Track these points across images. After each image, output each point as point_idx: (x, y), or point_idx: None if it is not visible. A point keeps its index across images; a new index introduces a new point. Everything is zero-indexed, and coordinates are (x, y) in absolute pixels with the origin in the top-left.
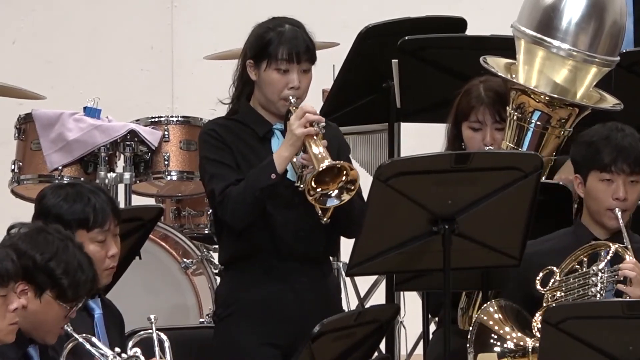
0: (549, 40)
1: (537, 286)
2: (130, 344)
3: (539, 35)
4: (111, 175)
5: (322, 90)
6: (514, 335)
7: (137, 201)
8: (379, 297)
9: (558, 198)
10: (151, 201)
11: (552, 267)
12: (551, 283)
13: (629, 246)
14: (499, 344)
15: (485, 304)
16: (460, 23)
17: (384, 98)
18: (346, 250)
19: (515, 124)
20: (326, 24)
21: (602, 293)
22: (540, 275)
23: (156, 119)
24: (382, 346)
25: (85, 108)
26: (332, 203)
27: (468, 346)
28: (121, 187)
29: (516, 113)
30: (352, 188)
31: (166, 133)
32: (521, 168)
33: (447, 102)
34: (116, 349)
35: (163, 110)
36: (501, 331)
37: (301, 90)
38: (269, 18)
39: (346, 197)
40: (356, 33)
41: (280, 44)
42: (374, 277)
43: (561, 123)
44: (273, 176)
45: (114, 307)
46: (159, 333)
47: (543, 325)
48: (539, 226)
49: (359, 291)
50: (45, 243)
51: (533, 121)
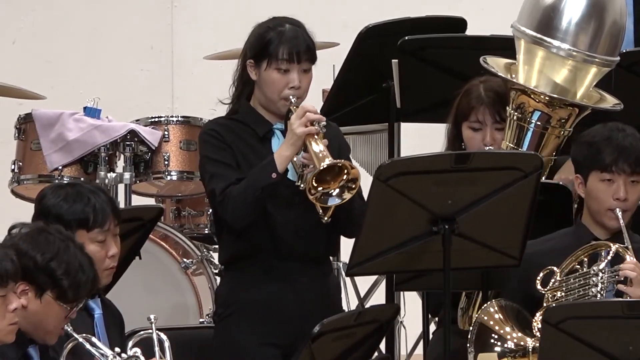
0: (549, 40)
1: (538, 286)
2: (130, 344)
3: (539, 35)
4: (111, 175)
5: (322, 90)
6: (515, 335)
7: (137, 201)
8: (379, 297)
9: (558, 198)
10: (151, 201)
11: (553, 267)
12: (551, 283)
13: (630, 246)
14: (500, 344)
15: (485, 304)
16: (460, 23)
17: (384, 98)
18: (346, 250)
19: (515, 124)
20: (326, 24)
21: (603, 293)
22: (540, 275)
23: (156, 119)
24: (382, 346)
25: (85, 108)
26: (334, 202)
27: (468, 346)
28: (121, 187)
29: (516, 113)
30: (353, 187)
31: (166, 133)
32: (521, 168)
33: (447, 102)
34: (116, 349)
35: (163, 110)
36: (501, 331)
37: (301, 90)
38: (269, 18)
39: (347, 196)
40: (356, 33)
41: (280, 44)
42: (374, 277)
43: (561, 123)
44: (274, 175)
45: (114, 307)
46: (159, 333)
47: (543, 325)
48: (539, 226)
49: (359, 291)
50: (46, 243)
51: (533, 121)
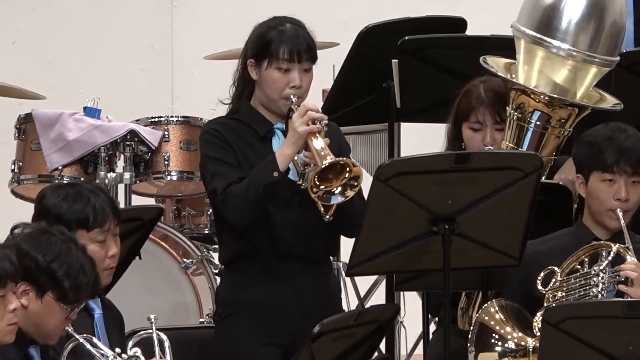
0: (549, 40)
1: (538, 286)
2: (130, 344)
3: (539, 35)
4: (111, 175)
5: (322, 90)
6: (515, 335)
7: (137, 201)
8: (379, 297)
9: (558, 198)
10: (151, 201)
11: (553, 267)
12: (552, 283)
13: (630, 247)
14: (500, 344)
15: (486, 304)
16: (460, 23)
17: (384, 98)
18: (346, 250)
19: (515, 124)
20: (326, 24)
21: (603, 293)
22: (541, 275)
23: (156, 119)
24: (382, 346)
25: (85, 108)
26: (336, 200)
27: (469, 346)
28: (121, 187)
29: (516, 113)
30: (356, 184)
31: (166, 133)
32: (521, 168)
33: (447, 102)
34: (117, 350)
35: (163, 110)
36: (502, 331)
37: (302, 89)
38: (270, 17)
39: (350, 194)
40: (356, 33)
41: (281, 43)
42: (374, 277)
43: (561, 123)
44: (275, 174)
45: (114, 307)
46: (159, 333)
47: (543, 325)
48: (539, 226)
49: (359, 291)
50: (48, 244)
51: (533, 121)
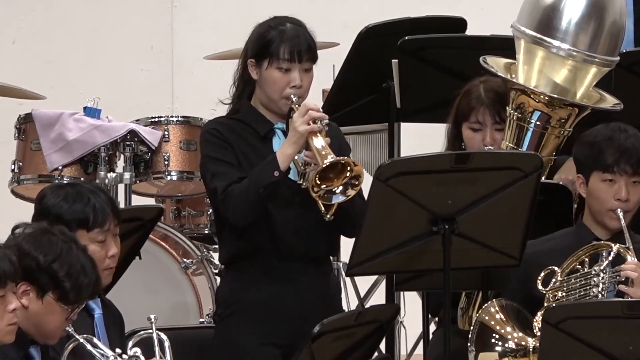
0: (549, 40)
1: (539, 286)
2: (130, 344)
3: (539, 35)
4: (111, 175)
5: (322, 90)
6: (515, 335)
7: (137, 201)
8: (379, 297)
9: (558, 198)
10: (151, 201)
11: (554, 267)
12: (552, 283)
13: (631, 247)
14: (500, 344)
15: (486, 304)
16: (460, 23)
17: (384, 98)
18: (346, 250)
19: (515, 124)
20: (326, 24)
21: (604, 293)
22: (541, 275)
23: (156, 119)
24: (382, 346)
25: (85, 108)
26: (338, 199)
27: (469, 345)
28: (121, 187)
29: (516, 113)
30: (357, 183)
31: (166, 133)
32: (521, 168)
33: (447, 102)
34: (117, 350)
35: (163, 110)
36: (502, 331)
37: (303, 89)
38: (270, 17)
39: (351, 193)
40: (356, 33)
41: (282, 43)
42: (374, 277)
43: (561, 123)
44: (276, 173)
45: (114, 307)
46: (159, 333)
47: (543, 325)
48: (539, 226)
49: (359, 291)
50: (49, 244)
51: (533, 121)
